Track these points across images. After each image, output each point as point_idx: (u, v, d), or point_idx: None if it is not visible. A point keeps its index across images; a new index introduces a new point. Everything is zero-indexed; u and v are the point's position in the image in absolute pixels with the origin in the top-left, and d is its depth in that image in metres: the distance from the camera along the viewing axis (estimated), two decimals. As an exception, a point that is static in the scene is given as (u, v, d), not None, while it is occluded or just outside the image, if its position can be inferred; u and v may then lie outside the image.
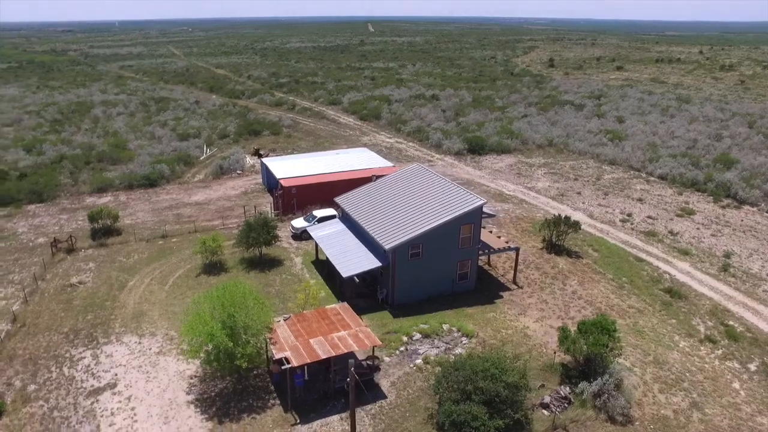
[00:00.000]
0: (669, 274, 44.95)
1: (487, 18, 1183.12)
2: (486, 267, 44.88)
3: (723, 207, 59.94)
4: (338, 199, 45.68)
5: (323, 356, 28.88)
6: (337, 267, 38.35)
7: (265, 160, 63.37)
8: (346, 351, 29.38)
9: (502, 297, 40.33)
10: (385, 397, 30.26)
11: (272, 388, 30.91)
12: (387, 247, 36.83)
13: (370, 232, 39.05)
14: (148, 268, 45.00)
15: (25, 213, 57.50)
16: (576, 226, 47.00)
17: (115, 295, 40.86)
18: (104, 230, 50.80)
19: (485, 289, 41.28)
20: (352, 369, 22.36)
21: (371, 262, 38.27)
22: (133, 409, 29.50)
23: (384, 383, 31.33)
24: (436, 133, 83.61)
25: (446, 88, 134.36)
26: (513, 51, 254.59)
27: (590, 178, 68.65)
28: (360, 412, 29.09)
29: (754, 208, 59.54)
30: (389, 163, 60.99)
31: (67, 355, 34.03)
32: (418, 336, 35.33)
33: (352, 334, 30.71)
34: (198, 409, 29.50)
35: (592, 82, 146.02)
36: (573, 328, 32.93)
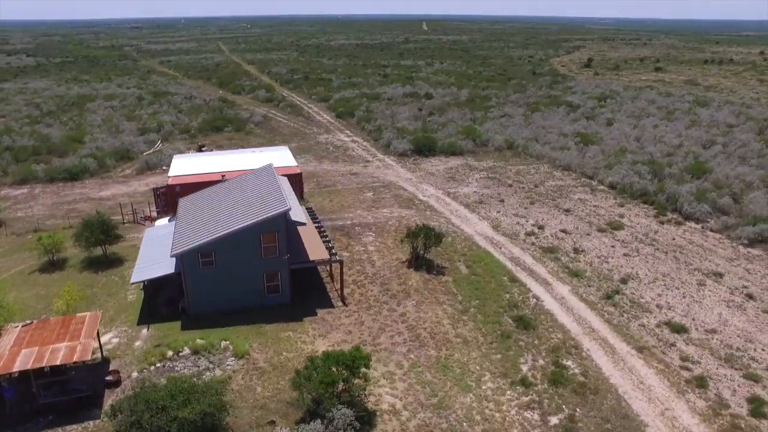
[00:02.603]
0: (537, 299, 39.23)
1: (557, 18, 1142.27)
2: (326, 279, 41.02)
3: (662, 223, 52.53)
4: (182, 200, 43.19)
5: (18, 368, 26.53)
6: (134, 270, 35.96)
7: (175, 156, 61.87)
8: (45, 364, 26.92)
9: (316, 315, 36.37)
10: (99, 417, 27.48)
11: (-5, 400, 28.86)
12: (173, 253, 33.96)
13: (174, 237, 36.29)
14: (-6, 263, 44.36)
15: (-64, 202, 58.83)
16: (438, 238, 42.08)
17: (-61, 289, 40.26)
18: (-18, 222, 50.91)
19: (304, 304, 37.42)
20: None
21: (166, 269, 35.53)
22: None
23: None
24: (388, 132, 79.24)
25: (451, 86, 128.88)
26: (555, 50, 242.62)
27: (528, 185, 62.36)
28: (58, 433, 26.60)
29: (699, 225, 51.72)
30: (295, 164, 57.76)
31: None
32: (186, 352, 32.21)
33: (71, 346, 28.10)
34: None
35: (614, 83, 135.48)
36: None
